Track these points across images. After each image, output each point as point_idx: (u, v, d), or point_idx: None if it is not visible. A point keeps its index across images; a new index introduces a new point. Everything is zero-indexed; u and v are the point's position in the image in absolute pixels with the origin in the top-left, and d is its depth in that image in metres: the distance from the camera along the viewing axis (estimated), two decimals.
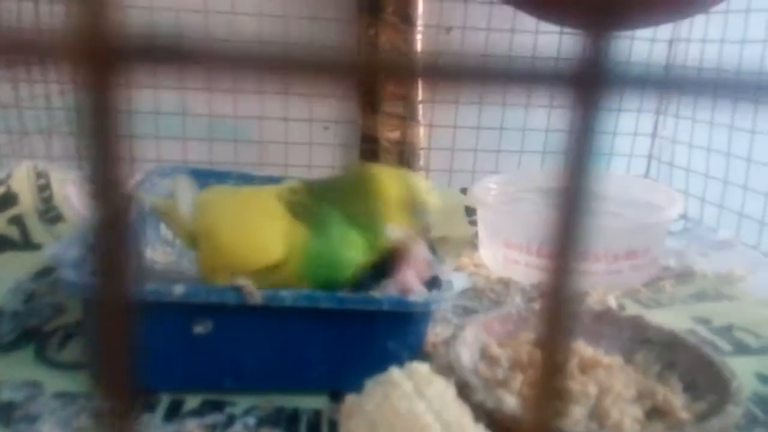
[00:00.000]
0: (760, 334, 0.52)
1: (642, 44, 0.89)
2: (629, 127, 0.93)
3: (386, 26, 0.89)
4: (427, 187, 0.49)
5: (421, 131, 0.93)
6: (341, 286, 0.46)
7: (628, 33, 0.82)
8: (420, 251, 0.48)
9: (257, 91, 0.88)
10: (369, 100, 0.91)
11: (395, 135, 0.92)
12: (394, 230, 0.46)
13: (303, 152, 0.90)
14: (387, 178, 0.47)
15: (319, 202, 0.45)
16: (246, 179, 0.66)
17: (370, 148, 0.91)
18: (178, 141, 0.88)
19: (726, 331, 0.53)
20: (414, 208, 0.47)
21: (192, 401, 0.41)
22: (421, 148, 0.93)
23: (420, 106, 0.93)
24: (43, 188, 0.64)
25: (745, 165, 0.74)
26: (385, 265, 0.47)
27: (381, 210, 0.46)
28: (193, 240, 0.49)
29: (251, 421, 0.39)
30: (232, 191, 0.51)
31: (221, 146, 0.89)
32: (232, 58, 0.11)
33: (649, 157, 0.95)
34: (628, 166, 0.94)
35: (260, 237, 0.44)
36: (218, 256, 0.44)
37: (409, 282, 0.44)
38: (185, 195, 0.50)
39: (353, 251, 0.45)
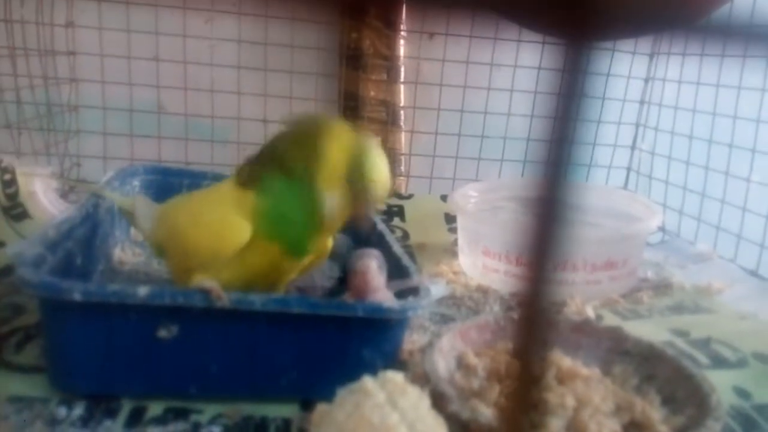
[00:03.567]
0: (737, 347, 0.52)
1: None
2: (609, 139, 0.94)
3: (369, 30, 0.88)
4: (380, 165, 0.42)
5: (403, 137, 0.93)
6: (310, 242, 0.44)
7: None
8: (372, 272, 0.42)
9: (235, 91, 0.87)
10: (351, 105, 0.90)
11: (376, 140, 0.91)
12: (332, 201, 0.41)
13: None
14: (335, 140, 0.41)
15: (260, 163, 0.43)
16: (221, 180, 0.65)
17: None
18: (152, 139, 0.86)
19: (704, 344, 0.52)
20: (358, 185, 0.41)
21: (155, 408, 0.39)
22: (403, 154, 0.93)
23: (402, 112, 0.92)
24: (8, 184, 0.62)
25: (723, 178, 0.74)
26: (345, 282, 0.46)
27: (317, 173, 0.41)
28: (159, 250, 0.49)
29: (217, 429, 0.38)
30: (188, 194, 0.50)
31: (197, 146, 0.88)
32: None
33: (628, 169, 0.95)
34: (607, 178, 0.95)
35: (221, 225, 0.42)
36: (189, 257, 0.43)
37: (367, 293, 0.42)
38: (144, 212, 0.50)
39: (295, 205, 0.42)
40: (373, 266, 0.41)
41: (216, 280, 0.39)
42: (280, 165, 0.42)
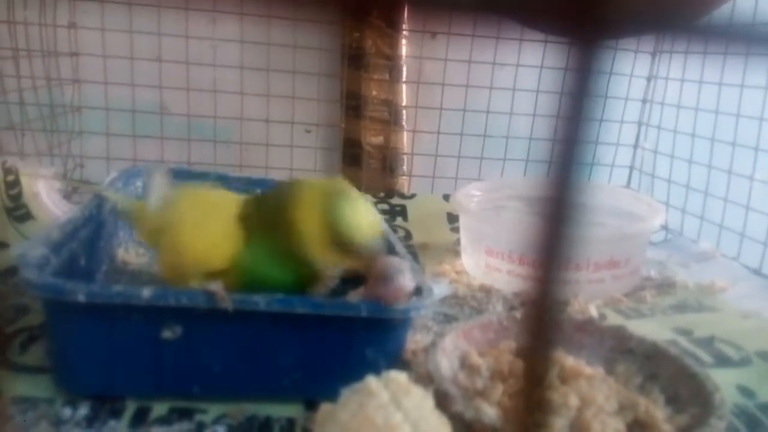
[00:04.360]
0: (741, 346, 0.52)
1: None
2: (611, 137, 0.93)
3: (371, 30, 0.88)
4: (357, 220, 0.41)
5: (405, 136, 0.93)
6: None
7: None
8: (394, 271, 0.42)
9: (238, 91, 0.87)
10: (353, 104, 0.90)
11: (379, 140, 0.91)
12: (325, 263, 0.43)
13: (284, 155, 0.88)
14: (307, 211, 0.41)
15: (256, 219, 0.44)
16: (224, 180, 0.65)
17: (352, 153, 0.90)
18: (155, 140, 0.86)
19: (707, 342, 0.52)
20: (345, 247, 0.42)
21: (159, 408, 0.39)
22: (405, 154, 0.93)
23: (404, 112, 0.92)
24: (12, 185, 0.62)
25: (726, 177, 0.74)
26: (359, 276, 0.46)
27: (301, 246, 0.42)
28: (154, 236, 0.48)
29: (221, 429, 0.38)
30: (204, 192, 0.50)
31: (200, 146, 0.88)
32: None
33: (631, 167, 0.95)
34: (609, 176, 0.94)
35: (214, 240, 0.43)
36: (175, 253, 0.44)
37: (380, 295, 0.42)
38: (157, 190, 0.49)
39: (277, 273, 0.43)
40: (410, 287, 0.41)
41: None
42: (264, 234, 0.43)
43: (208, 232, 0.44)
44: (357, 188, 0.46)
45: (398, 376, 0.33)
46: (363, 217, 0.42)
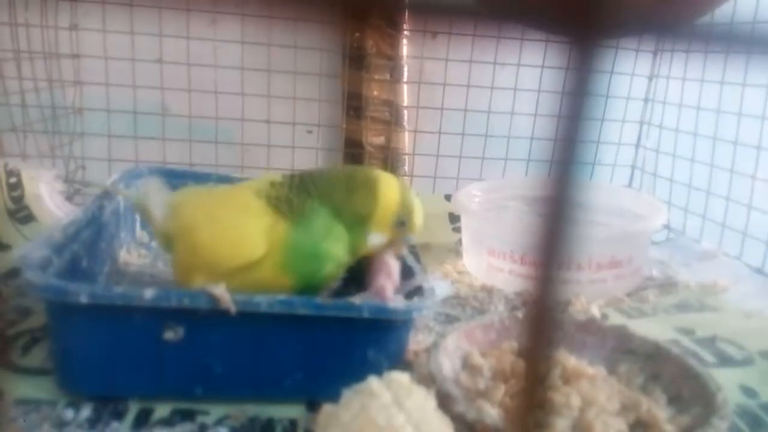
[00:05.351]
0: (743, 345, 0.51)
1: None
2: (613, 137, 0.93)
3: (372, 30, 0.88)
4: (420, 210, 0.48)
5: (406, 137, 0.93)
6: (323, 282, 0.45)
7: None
8: (394, 265, 0.46)
9: (239, 92, 0.87)
10: (354, 105, 0.90)
11: (380, 140, 0.91)
12: (375, 239, 0.46)
13: (285, 155, 0.88)
14: (391, 188, 0.46)
15: (304, 195, 0.45)
16: (226, 181, 0.65)
17: (354, 153, 0.90)
18: (157, 141, 0.86)
19: (709, 342, 0.52)
20: (403, 226, 0.47)
21: (162, 409, 0.39)
22: (406, 154, 0.93)
23: (405, 112, 0.92)
24: (14, 187, 0.62)
25: (728, 176, 0.74)
26: (360, 276, 0.47)
27: (372, 216, 0.45)
28: (168, 242, 0.48)
29: (223, 430, 0.38)
30: (207, 190, 0.50)
31: (202, 147, 0.88)
32: None
33: (633, 167, 0.95)
34: (611, 176, 0.94)
35: (239, 234, 0.43)
36: (196, 256, 0.43)
37: (386, 293, 0.42)
38: (156, 197, 0.49)
39: (336, 244, 0.44)
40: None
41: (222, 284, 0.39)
42: (331, 207, 0.44)
43: (227, 228, 0.43)
44: None
45: (400, 377, 0.33)
46: (419, 203, 0.48)
